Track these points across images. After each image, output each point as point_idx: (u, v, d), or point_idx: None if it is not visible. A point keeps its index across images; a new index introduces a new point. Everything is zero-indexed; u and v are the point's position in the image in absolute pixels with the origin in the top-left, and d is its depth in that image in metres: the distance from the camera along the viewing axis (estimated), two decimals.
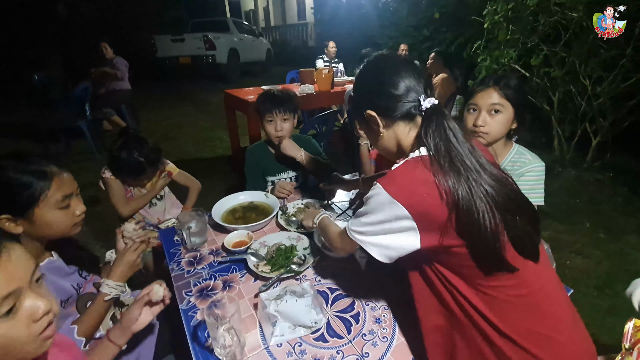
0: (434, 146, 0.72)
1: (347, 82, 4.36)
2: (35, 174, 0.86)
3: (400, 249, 0.75)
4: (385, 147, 0.88)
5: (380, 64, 0.85)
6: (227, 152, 4.49)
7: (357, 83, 0.91)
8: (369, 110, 0.83)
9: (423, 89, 0.80)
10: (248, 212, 1.43)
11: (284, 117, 1.63)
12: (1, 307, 0.49)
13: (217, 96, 7.69)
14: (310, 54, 12.41)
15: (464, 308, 0.73)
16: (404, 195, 0.70)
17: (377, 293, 1.03)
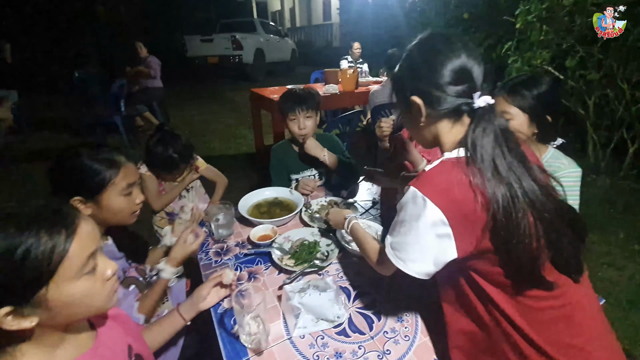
0: (479, 151, 0.66)
1: (372, 83, 4.35)
2: (106, 162, 0.97)
3: (437, 261, 0.71)
4: (421, 136, 0.82)
5: (436, 46, 0.73)
6: (251, 149, 4.59)
7: (406, 62, 0.78)
8: (414, 97, 0.75)
9: (480, 83, 0.72)
10: (273, 207, 1.47)
11: (306, 115, 1.65)
12: (87, 264, 0.57)
13: (242, 95, 7.86)
14: (334, 54, 12.43)
15: (494, 316, 0.71)
16: (440, 197, 0.66)
17: (399, 292, 1.04)
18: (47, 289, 0.53)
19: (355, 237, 1.06)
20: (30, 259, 0.51)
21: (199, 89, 8.82)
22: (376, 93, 3.12)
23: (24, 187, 3.45)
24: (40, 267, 0.52)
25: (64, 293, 0.55)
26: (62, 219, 0.56)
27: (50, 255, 0.53)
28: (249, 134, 5.13)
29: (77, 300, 0.57)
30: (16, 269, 0.51)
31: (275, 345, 0.88)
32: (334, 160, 1.67)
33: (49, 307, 0.54)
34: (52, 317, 0.55)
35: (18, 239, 0.51)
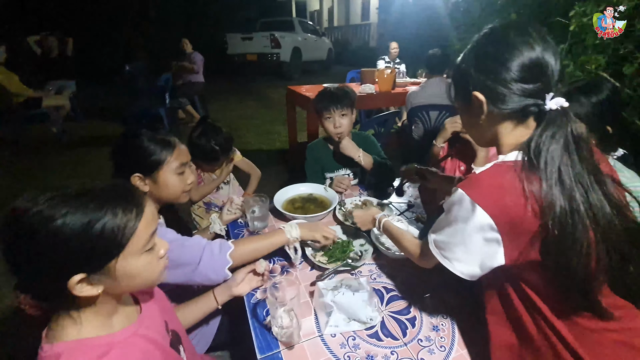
0: (543, 157, 0.61)
1: (409, 84, 4.25)
2: (162, 143, 1.04)
3: (483, 265, 0.68)
4: (477, 134, 0.78)
5: (508, 36, 0.65)
6: (285, 145, 4.65)
7: (472, 52, 0.71)
8: (476, 92, 0.69)
9: (555, 82, 0.65)
10: (307, 203, 1.47)
11: (341, 113, 1.63)
12: (149, 242, 0.63)
13: (278, 92, 8.00)
14: (371, 54, 12.30)
15: (543, 330, 0.66)
16: (489, 202, 0.63)
17: (435, 299, 1.00)
18: (117, 260, 0.58)
19: (390, 235, 1.06)
20: (106, 232, 0.56)
21: (237, 85, 9.08)
22: (414, 94, 3.04)
23: (79, 170, 3.74)
24: (114, 240, 0.57)
25: (128, 266, 0.60)
26: (134, 199, 0.61)
27: (123, 230, 0.58)
28: (282, 130, 5.21)
29: (137, 273, 0.62)
30: (93, 241, 0.55)
31: (306, 340, 0.87)
32: (369, 160, 1.64)
33: (115, 277, 0.59)
34: (113, 287, 0.60)
35: (98, 214, 0.55)
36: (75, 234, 0.53)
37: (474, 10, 6.79)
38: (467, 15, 6.83)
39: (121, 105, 5.37)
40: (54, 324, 0.59)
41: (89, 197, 0.57)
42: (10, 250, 0.54)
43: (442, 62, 3.03)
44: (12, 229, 0.53)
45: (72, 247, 0.54)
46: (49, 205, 0.54)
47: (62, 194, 0.56)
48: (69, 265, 0.54)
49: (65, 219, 0.53)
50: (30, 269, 0.54)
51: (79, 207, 0.55)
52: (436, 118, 3.02)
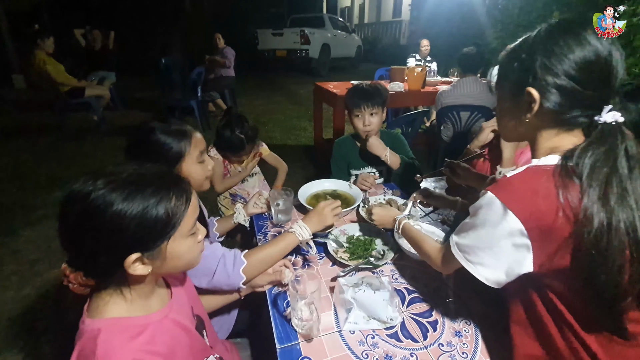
0: (589, 170, 0.57)
1: (440, 83, 4.13)
2: (178, 134, 1.02)
3: (510, 271, 0.66)
4: (513, 131, 0.74)
5: (573, 35, 0.60)
6: (310, 141, 4.67)
7: (530, 47, 0.64)
8: (532, 89, 0.63)
9: (614, 94, 0.61)
10: None
11: (371, 112, 1.62)
12: (193, 227, 0.68)
13: (305, 88, 8.04)
14: (400, 52, 12.07)
15: (571, 343, 0.63)
16: (521, 207, 0.60)
17: (458, 305, 0.97)
18: (167, 242, 0.62)
19: (409, 238, 1.03)
20: (161, 216, 0.60)
21: (266, 80, 9.21)
22: (445, 94, 2.95)
23: (116, 156, 3.94)
24: (167, 223, 0.61)
25: (177, 247, 0.64)
26: (184, 185, 0.66)
27: (175, 215, 0.62)
28: (308, 126, 5.23)
29: (182, 255, 0.66)
30: (150, 223, 0.59)
31: (325, 335, 0.87)
32: (396, 160, 1.62)
33: (164, 257, 0.63)
34: (160, 267, 0.64)
35: (155, 199, 0.60)
36: (135, 217, 0.57)
37: (512, 8, 6.51)
38: (505, 13, 6.58)
39: (156, 97, 5.61)
40: (96, 300, 0.63)
41: (146, 183, 0.60)
42: (70, 230, 0.58)
43: (476, 61, 2.92)
44: (74, 211, 0.57)
45: (131, 229, 0.57)
46: (110, 189, 0.57)
47: (121, 180, 0.59)
48: (127, 245, 0.58)
49: (127, 203, 0.57)
50: (90, 248, 0.57)
51: (138, 192, 0.58)
52: (467, 119, 2.92)
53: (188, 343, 0.71)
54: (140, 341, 0.60)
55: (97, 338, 0.57)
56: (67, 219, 0.57)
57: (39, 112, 5.32)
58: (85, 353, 0.56)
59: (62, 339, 0.63)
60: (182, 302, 0.78)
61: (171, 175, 0.67)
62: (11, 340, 1.70)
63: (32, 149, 4.14)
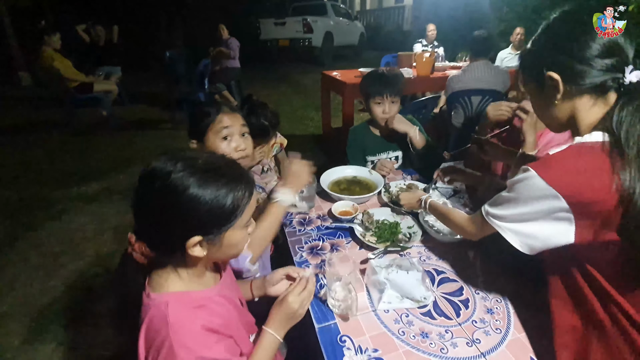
0: (625, 132, 0.60)
1: (448, 68, 4.08)
2: (210, 105, 1.14)
3: (547, 240, 0.68)
4: (552, 118, 0.76)
5: (582, 16, 0.67)
6: (318, 131, 4.66)
7: (546, 34, 0.72)
8: (551, 72, 0.68)
9: (632, 57, 0.65)
10: (352, 185, 1.49)
11: (392, 100, 1.63)
12: (249, 219, 0.71)
13: (310, 78, 7.97)
14: (404, 38, 11.89)
15: (612, 312, 0.65)
16: (564, 184, 0.62)
17: (488, 283, 0.99)
18: (228, 229, 0.65)
19: (436, 213, 1.08)
20: (228, 206, 0.63)
21: (270, 71, 9.14)
22: (455, 79, 2.92)
23: (126, 151, 3.99)
24: (232, 213, 0.64)
25: (233, 237, 0.67)
26: (249, 179, 0.69)
27: (240, 205, 0.65)
28: (315, 116, 5.22)
29: (235, 244, 0.69)
30: (218, 211, 0.62)
31: (360, 314, 0.90)
32: (422, 138, 1.63)
33: (221, 244, 0.66)
34: (214, 253, 0.67)
35: (225, 189, 0.63)
36: (207, 203, 0.61)
37: None
38: None
39: (162, 91, 5.61)
40: (156, 278, 0.68)
41: (219, 172, 0.64)
42: (145, 203, 0.62)
43: (487, 45, 2.88)
44: (154, 186, 0.61)
45: (201, 213, 0.61)
46: (189, 173, 0.61)
47: (198, 166, 0.63)
48: (194, 227, 0.62)
49: (202, 189, 0.61)
50: (161, 223, 0.62)
51: (213, 180, 0.62)
52: (478, 103, 2.90)
53: (238, 317, 0.76)
54: (203, 311, 0.66)
55: (167, 308, 0.61)
56: (144, 193, 0.62)
57: (48, 109, 5.33)
58: (157, 321, 0.61)
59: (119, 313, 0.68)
60: (229, 284, 0.83)
61: (239, 167, 0.70)
62: (42, 331, 1.76)
63: (44, 145, 4.18)
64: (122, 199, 2.94)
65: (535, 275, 0.84)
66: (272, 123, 1.68)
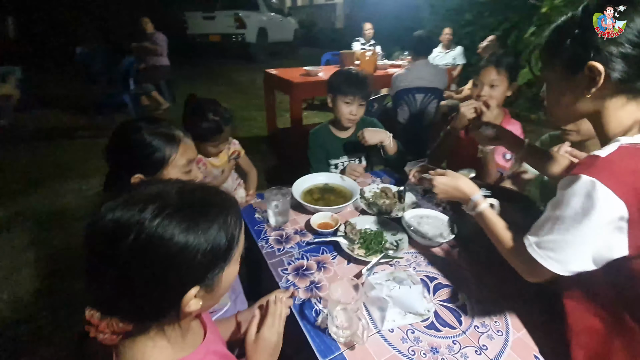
0: None
1: (388, 66, 4.23)
2: (165, 137, 0.93)
3: (599, 259, 0.63)
4: (570, 109, 0.71)
5: (638, 8, 0.60)
6: (263, 132, 4.48)
7: (583, 20, 0.65)
8: (594, 62, 0.63)
9: None
10: (326, 194, 1.42)
11: (360, 102, 1.61)
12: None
13: (247, 76, 7.66)
14: (338, 36, 12.13)
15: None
16: (628, 189, 0.57)
17: (479, 285, 1.01)
18: (225, 267, 0.56)
19: (487, 227, 0.87)
20: (224, 241, 0.54)
21: (201, 68, 8.56)
22: (400, 77, 3.02)
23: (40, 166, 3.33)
24: (229, 248, 0.55)
25: (229, 274, 0.57)
26: (237, 207, 0.59)
27: (234, 237, 0.56)
28: (258, 116, 5.01)
29: (231, 280, 0.60)
30: (214, 251, 0.52)
31: (365, 336, 0.84)
32: (395, 144, 1.63)
33: (219, 287, 0.56)
34: (210, 299, 0.57)
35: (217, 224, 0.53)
36: (199, 248, 0.50)
37: None
38: None
39: (77, 93, 4.83)
40: (132, 351, 0.52)
41: (203, 206, 0.54)
42: (112, 269, 0.47)
43: (427, 45, 3.02)
44: (122, 246, 0.47)
45: (195, 262, 0.50)
46: (166, 216, 0.48)
47: (174, 204, 0.51)
48: (188, 281, 0.51)
49: (189, 234, 0.49)
50: (142, 288, 0.48)
51: (199, 219, 0.51)
52: (422, 100, 3.05)
53: None
54: None
55: None
56: (108, 256, 0.47)
57: None
58: None
59: None
60: (214, 332, 0.70)
61: (217, 191, 0.59)
62: None
63: None
64: (38, 227, 2.45)
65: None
66: (225, 118, 1.53)
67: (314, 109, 5.47)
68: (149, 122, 0.95)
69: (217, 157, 1.70)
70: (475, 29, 5.86)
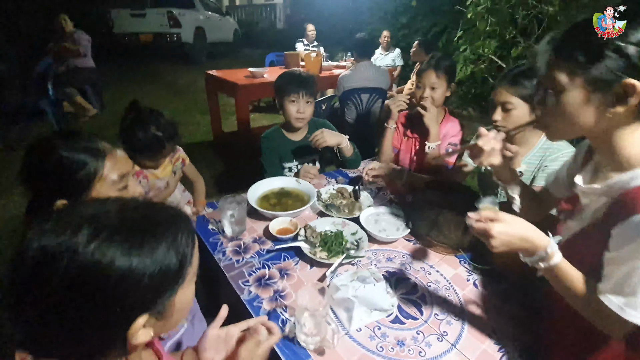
0: None
1: (333, 67, 4.31)
2: (87, 152, 0.81)
3: None
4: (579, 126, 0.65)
5: None
6: (208, 137, 4.28)
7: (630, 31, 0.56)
8: (632, 81, 0.56)
9: None
10: (283, 199, 1.39)
11: (307, 100, 1.61)
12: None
13: (185, 78, 7.25)
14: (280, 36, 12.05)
15: None
16: None
17: (434, 273, 1.07)
18: (178, 290, 0.51)
19: (555, 279, 0.71)
20: (174, 262, 0.49)
21: (133, 70, 7.88)
22: (345, 78, 3.10)
23: None
24: (180, 269, 0.50)
25: (183, 297, 0.53)
26: (187, 219, 0.54)
27: (186, 255, 0.51)
28: (201, 120, 4.77)
29: (187, 303, 0.55)
30: (165, 271, 0.47)
31: (335, 340, 0.84)
32: (351, 146, 1.66)
33: (172, 310, 0.51)
34: (161, 327, 0.52)
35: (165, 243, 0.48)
36: (145, 271, 0.45)
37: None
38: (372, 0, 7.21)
39: None
40: None
41: (148, 224, 0.48)
42: (43, 302, 0.41)
43: (370, 46, 3.14)
44: (50, 274, 0.41)
45: (141, 287, 0.45)
46: (104, 240, 0.43)
47: (113, 225, 0.45)
48: (134, 308, 0.45)
49: (132, 257, 0.44)
50: (80, 320, 0.42)
51: (142, 239, 0.46)
52: (367, 100, 3.16)
53: None
54: None
55: None
56: (38, 287, 0.40)
57: None
58: None
59: None
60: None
61: (163, 206, 0.53)
62: None
63: None
64: None
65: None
66: (168, 132, 1.41)
67: (260, 110, 5.37)
68: (65, 138, 0.82)
69: (160, 168, 1.58)
70: (410, 32, 6.23)
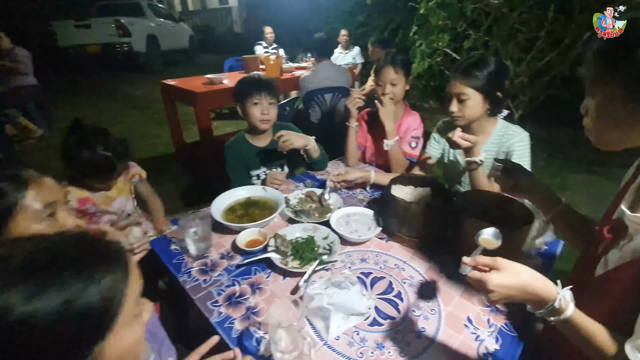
0: None
1: (294, 69, 4.27)
2: (5, 180, 0.72)
3: None
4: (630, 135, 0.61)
5: None
6: (169, 149, 4.10)
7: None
8: None
9: None
10: (250, 209, 1.33)
11: (270, 101, 1.58)
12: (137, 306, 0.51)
13: (140, 89, 6.92)
14: (238, 40, 11.83)
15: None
16: None
17: (408, 269, 1.06)
18: (105, 339, 0.45)
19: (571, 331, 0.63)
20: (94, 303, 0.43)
21: (84, 85, 7.41)
22: (307, 79, 3.07)
23: None
24: (105, 312, 0.44)
25: (119, 343, 0.46)
26: (114, 253, 0.49)
27: (114, 296, 0.45)
28: (161, 132, 4.56)
29: (129, 350, 0.49)
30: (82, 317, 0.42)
31: (313, 353, 0.80)
32: (318, 147, 1.64)
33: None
34: None
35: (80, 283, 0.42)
36: (53, 318, 0.40)
37: None
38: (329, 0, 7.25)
39: None
40: None
41: (58, 262, 0.43)
42: None
43: (329, 46, 3.14)
44: None
45: (50, 338, 0.40)
46: (4, 284, 0.39)
47: (17, 266, 0.41)
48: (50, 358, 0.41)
49: (36, 300, 0.39)
50: None
51: (51, 279, 0.41)
52: (331, 100, 3.15)
53: None
54: None
55: None
56: None
57: None
58: None
59: None
60: None
61: (89, 240, 0.47)
62: None
63: None
64: None
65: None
66: (118, 152, 1.32)
67: (223, 118, 5.22)
68: None
69: (114, 188, 1.46)
70: (368, 30, 6.33)
